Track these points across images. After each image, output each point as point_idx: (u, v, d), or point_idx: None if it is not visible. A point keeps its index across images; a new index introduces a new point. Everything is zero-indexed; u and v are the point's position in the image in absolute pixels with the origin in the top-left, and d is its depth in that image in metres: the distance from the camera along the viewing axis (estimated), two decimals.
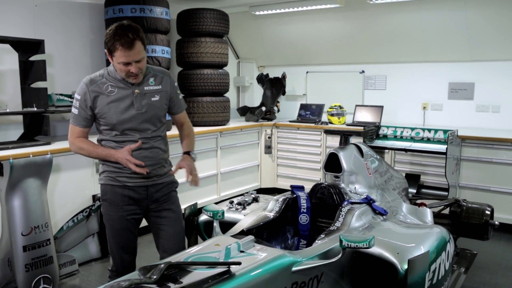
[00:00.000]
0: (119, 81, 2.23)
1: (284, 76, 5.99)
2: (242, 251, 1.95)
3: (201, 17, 5.07)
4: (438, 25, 4.95)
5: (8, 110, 3.65)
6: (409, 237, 2.40)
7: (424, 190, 4.42)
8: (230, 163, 5.38)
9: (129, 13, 4.36)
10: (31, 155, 3.10)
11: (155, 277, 1.53)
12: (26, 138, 3.81)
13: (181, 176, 2.43)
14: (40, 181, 3.05)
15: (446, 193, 4.04)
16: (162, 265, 1.59)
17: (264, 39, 6.23)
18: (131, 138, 2.26)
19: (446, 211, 3.55)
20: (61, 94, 4.15)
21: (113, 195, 2.30)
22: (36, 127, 3.80)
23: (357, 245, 1.93)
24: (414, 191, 4.31)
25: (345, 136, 2.98)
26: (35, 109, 3.68)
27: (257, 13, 5.66)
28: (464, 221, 3.36)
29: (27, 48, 3.75)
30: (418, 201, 3.49)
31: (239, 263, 1.74)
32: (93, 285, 3.32)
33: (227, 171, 5.33)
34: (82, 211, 3.59)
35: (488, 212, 3.32)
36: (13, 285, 3.10)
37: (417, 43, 5.19)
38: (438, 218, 3.59)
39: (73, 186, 3.72)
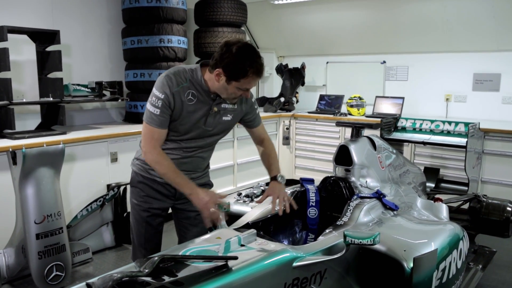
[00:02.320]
0: (203, 92, 2.05)
1: (303, 67, 5.90)
2: (242, 245, 1.92)
3: (219, 6, 5.03)
4: (463, 13, 4.76)
5: (24, 100, 3.71)
6: (419, 233, 2.31)
7: (443, 185, 4.29)
8: (247, 154, 5.35)
9: (145, 3, 4.35)
10: (44, 145, 3.14)
11: (147, 270, 1.51)
12: (43, 128, 3.88)
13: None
14: (53, 170, 3.09)
15: (466, 188, 3.91)
16: (156, 258, 1.57)
17: (284, 29, 6.14)
18: (183, 145, 2.14)
19: (466, 206, 3.43)
20: (78, 84, 4.19)
21: (142, 185, 2.23)
22: (52, 116, 3.86)
23: (361, 242, 1.86)
24: (433, 185, 4.19)
25: (356, 129, 2.90)
26: (51, 99, 3.73)
27: (276, 2, 5.58)
28: (484, 217, 3.25)
29: (43, 39, 3.80)
30: (435, 196, 3.38)
31: (235, 258, 1.71)
32: (106, 273, 3.36)
33: (244, 162, 5.31)
34: (96, 200, 3.63)
35: (509, 209, 3.19)
36: (27, 272, 3.17)
37: (440, 32, 5.01)
38: (456, 213, 3.49)
39: (88, 176, 3.77)
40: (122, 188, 3.82)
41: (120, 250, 3.83)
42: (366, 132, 3.06)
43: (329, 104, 5.84)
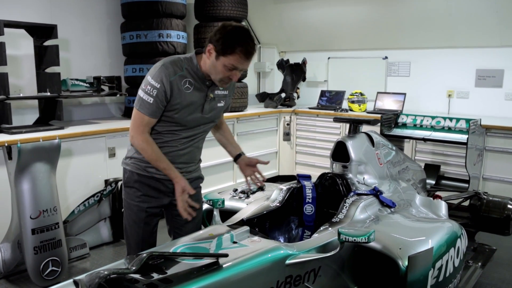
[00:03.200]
0: (199, 79, 2.06)
1: (304, 62, 5.86)
2: (235, 242, 1.90)
3: (219, 1, 4.98)
4: (466, 8, 4.70)
5: (21, 95, 3.69)
6: (416, 231, 2.28)
7: (444, 182, 4.25)
8: (247, 149, 5.24)
9: None
10: (41, 140, 3.12)
11: (134, 267, 1.49)
12: (41, 123, 3.86)
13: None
14: (49, 165, 3.08)
15: (467, 185, 3.86)
16: (144, 255, 1.55)
17: (285, 24, 6.10)
18: (182, 134, 2.12)
19: (467, 203, 3.39)
20: (76, 79, 4.16)
21: (139, 184, 2.17)
22: (50, 111, 3.83)
23: (355, 239, 1.84)
24: (433, 182, 4.14)
25: (354, 125, 2.86)
26: (48, 94, 3.71)
27: None
28: (484, 215, 3.21)
29: (41, 33, 3.78)
30: (435, 193, 3.35)
31: (226, 255, 1.68)
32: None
33: None
34: (93, 196, 3.62)
35: (510, 206, 3.15)
36: (23, 267, 3.15)
37: (443, 27, 4.95)
38: (457, 211, 3.45)
39: (86, 171, 3.75)
40: (119, 183, 3.80)
41: (117, 246, 3.82)
42: (364, 128, 3.02)
43: (330, 100, 5.79)
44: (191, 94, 2.05)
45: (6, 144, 3.00)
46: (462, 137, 3.85)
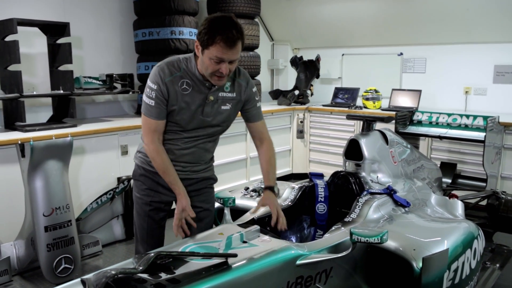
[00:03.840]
0: (198, 81, 2.00)
1: (318, 59, 5.79)
2: (245, 242, 1.87)
3: None
4: (484, 2, 4.58)
5: (35, 93, 3.71)
6: (431, 232, 2.23)
7: (460, 180, 4.16)
8: None
9: None
10: (53, 137, 3.13)
11: (141, 267, 1.47)
12: (55, 120, 3.88)
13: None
14: (61, 163, 3.09)
15: (484, 184, 3.77)
16: (152, 254, 1.53)
17: (299, 20, 6.03)
18: (184, 135, 2.09)
19: (485, 203, 3.31)
20: (89, 77, 4.17)
21: (143, 178, 2.20)
22: (64, 109, 3.86)
23: (367, 240, 1.80)
24: (449, 181, 4.06)
25: (367, 122, 2.81)
26: (62, 91, 3.72)
27: None
28: (502, 215, 3.14)
29: (54, 31, 3.79)
30: (451, 192, 3.27)
31: (235, 255, 1.65)
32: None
33: (256, 155, 5.22)
34: (106, 193, 3.62)
35: None
36: (37, 264, 3.17)
37: (460, 22, 4.84)
38: (474, 210, 3.37)
39: (99, 168, 3.76)
40: (132, 181, 3.80)
41: (130, 243, 3.82)
42: (378, 126, 2.97)
43: (345, 97, 5.72)
44: (188, 96, 2.00)
45: (19, 142, 3.02)
46: (480, 135, 3.76)
